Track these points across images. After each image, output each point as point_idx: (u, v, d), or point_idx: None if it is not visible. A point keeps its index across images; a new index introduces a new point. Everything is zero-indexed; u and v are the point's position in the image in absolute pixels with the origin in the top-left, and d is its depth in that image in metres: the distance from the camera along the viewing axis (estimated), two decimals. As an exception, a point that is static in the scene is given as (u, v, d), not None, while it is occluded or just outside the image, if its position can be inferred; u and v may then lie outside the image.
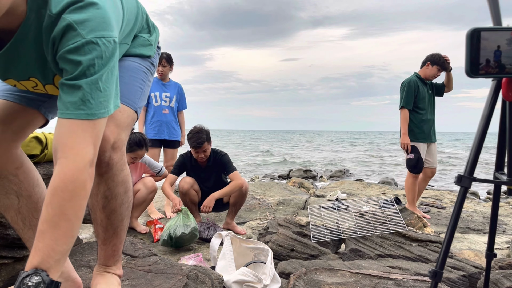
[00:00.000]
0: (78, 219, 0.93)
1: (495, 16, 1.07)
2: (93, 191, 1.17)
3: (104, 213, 1.20)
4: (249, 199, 4.80)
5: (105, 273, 1.30)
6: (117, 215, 1.22)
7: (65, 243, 0.90)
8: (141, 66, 1.31)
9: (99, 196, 1.18)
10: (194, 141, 3.23)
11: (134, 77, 1.28)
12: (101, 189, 1.16)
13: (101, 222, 1.22)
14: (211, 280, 1.64)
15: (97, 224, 1.24)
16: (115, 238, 1.27)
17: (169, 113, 3.87)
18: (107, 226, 1.23)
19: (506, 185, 1.16)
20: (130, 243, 1.86)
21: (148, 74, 1.34)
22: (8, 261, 1.57)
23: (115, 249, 1.28)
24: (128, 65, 1.27)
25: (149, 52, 1.36)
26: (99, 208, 1.20)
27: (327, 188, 6.69)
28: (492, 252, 1.33)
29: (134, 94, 1.26)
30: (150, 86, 1.40)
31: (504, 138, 1.16)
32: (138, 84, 1.29)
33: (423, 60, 3.93)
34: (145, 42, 1.34)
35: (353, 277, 1.80)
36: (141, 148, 3.01)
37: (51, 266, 0.87)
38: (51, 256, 0.87)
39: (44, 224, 0.89)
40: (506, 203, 5.14)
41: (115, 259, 1.31)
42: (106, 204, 1.19)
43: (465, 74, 1.05)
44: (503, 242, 3.26)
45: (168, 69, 3.84)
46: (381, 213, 2.87)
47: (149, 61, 1.37)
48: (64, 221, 0.90)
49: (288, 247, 2.55)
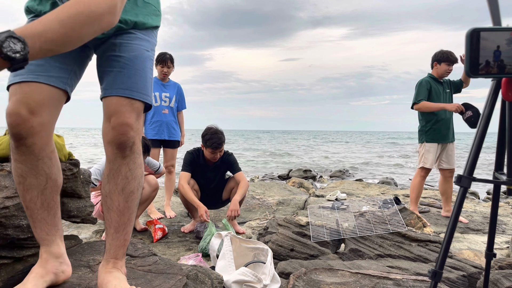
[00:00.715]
0: (74, 31, 0.94)
1: (494, 16, 1.07)
2: (114, 174, 1.27)
3: (122, 195, 1.28)
4: (249, 199, 4.80)
5: (113, 269, 1.31)
6: (135, 198, 1.31)
7: (55, 33, 0.90)
8: (150, 53, 1.35)
9: (120, 178, 1.27)
10: (214, 142, 3.24)
11: (147, 68, 1.32)
12: (123, 170, 1.27)
13: (118, 206, 1.28)
14: (210, 280, 1.64)
15: (112, 210, 1.29)
16: (129, 225, 1.33)
17: (169, 113, 3.87)
18: (124, 210, 1.29)
19: (505, 185, 1.16)
20: (130, 243, 1.86)
21: (153, 57, 1.38)
22: (8, 261, 1.57)
23: (127, 238, 1.34)
24: (141, 55, 1.30)
25: (159, 22, 1.41)
26: (118, 191, 1.27)
27: (327, 188, 6.70)
28: (492, 252, 1.33)
29: (148, 86, 1.33)
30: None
31: (503, 138, 1.16)
32: (150, 75, 1.34)
33: (430, 63, 3.92)
34: (155, 11, 1.39)
35: (352, 277, 1.80)
36: (144, 153, 3.06)
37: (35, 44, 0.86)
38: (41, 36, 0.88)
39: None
40: (505, 203, 5.14)
41: (124, 251, 1.35)
42: (126, 185, 1.28)
43: (465, 74, 1.05)
44: (502, 242, 3.26)
45: (171, 70, 3.85)
46: (380, 213, 2.87)
47: (155, 36, 1.41)
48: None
49: (287, 247, 2.55)
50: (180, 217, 3.90)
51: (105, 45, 1.29)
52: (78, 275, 1.48)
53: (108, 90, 1.25)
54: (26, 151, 1.22)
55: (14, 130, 1.18)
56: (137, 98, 1.26)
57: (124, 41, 1.27)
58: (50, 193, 1.32)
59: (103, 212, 1.34)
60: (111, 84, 1.25)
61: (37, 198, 1.29)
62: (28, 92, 1.18)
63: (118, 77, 1.25)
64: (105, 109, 1.26)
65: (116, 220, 1.30)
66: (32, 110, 1.17)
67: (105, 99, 1.26)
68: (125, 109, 1.23)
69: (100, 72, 1.30)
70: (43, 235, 1.34)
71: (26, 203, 1.29)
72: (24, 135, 1.18)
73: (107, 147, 1.27)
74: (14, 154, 1.23)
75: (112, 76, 1.25)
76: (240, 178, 3.34)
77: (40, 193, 1.29)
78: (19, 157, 1.23)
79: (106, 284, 1.27)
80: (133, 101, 1.25)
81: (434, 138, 3.83)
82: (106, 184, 1.30)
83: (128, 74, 1.26)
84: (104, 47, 1.29)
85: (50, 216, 1.34)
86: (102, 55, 1.29)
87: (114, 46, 1.27)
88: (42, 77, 1.21)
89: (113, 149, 1.25)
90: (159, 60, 3.78)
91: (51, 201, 1.33)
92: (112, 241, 1.31)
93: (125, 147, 1.25)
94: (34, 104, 1.18)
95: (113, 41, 1.28)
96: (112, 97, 1.24)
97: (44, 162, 1.27)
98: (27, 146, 1.21)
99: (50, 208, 1.33)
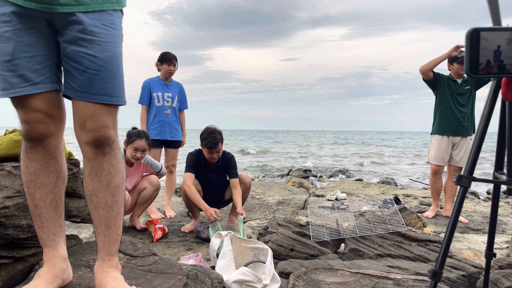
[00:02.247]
0: None
1: (494, 16, 1.07)
2: (96, 172, 1.27)
3: (109, 191, 1.29)
4: (249, 199, 4.80)
5: (109, 269, 1.31)
6: (121, 192, 1.32)
7: None
8: (120, 48, 1.27)
9: (103, 175, 1.27)
10: (210, 142, 3.24)
11: (120, 66, 1.27)
12: (105, 167, 1.28)
13: (106, 202, 1.29)
14: (210, 279, 1.64)
15: (100, 207, 1.29)
16: (119, 220, 1.34)
17: (171, 113, 3.87)
18: (112, 204, 1.30)
19: (505, 184, 1.16)
20: (130, 243, 1.86)
21: (122, 48, 1.30)
22: (8, 261, 1.57)
23: (118, 233, 1.35)
24: (114, 54, 1.24)
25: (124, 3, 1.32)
26: (103, 187, 1.28)
27: (327, 188, 6.70)
28: (492, 252, 1.33)
29: (123, 85, 1.30)
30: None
31: (503, 138, 1.16)
32: (122, 72, 1.30)
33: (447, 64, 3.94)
34: None
35: (352, 276, 1.80)
36: (140, 138, 3.08)
37: None
38: None
39: None
40: (505, 203, 5.14)
41: (117, 247, 1.35)
42: (110, 180, 1.28)
43: (465, 74, 1.05)
44: (502, 241, 3.26)
45: (176, 68, 3.86)
46: (380, 213, 2.88)
47: (121, 18, 1.31)
48: None
49: (287, 247, 2.55)
50: (180, 217, 3.90)
51: (71, 28, 1.17)
52: (78, 275, 1.48)
53: (83, 93, 1.20)
54: (42, 150, 1.27)
55: (32, 134, 1.23)
56: (115, 104, 1.26)
57: (96, 38, 1.19)
58: (59, 192, 1.36)
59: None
60: (85, 87, 1.20)
61: (47, 196, 1.32)
62: (34, 102, 1.21)
63: (94, 81, 1.19)
64: (79, 112, 1.23)
65: (106, 216, 1.30)
66: (50, 115, 1.24)
67: (78, 102, 1.22)
68: (102, 113, 1.23)
69: (67, 63, 1.21)
70: (51, 235, 1.34)
71: (36, 201, 1.31)
72: (41, 137, 1.25)
73: (85, 147, 1.26)
74: (28, 154, 1.27)
75: (86, 78, 1.19)
76: (235, 184, 3.34)
77: (50, 191, 1.32)
78: (33, 156, 1.27)
79: (104, 285, 1.27)
80: (110, 107, 1.25)
81: (441, 130, 3.78)
82: (89, 183, 1.29)
83: (106, 78, 1.21)
84: (70, 32, 1.17)
85: (57, 215, 1.36)
86: (70, 45, 1.18)
87: (83, 41, 1.18)
88: (53, 86, 1.24)
89: (93, 148, 1.25)
90: (165, 59, 3.77)
91: (59, 200, 1.36)
92: (105, 238, 1.32)
93: (105, 146, 1.26)
94: (48, 110, 1.24)
95: (80, 27, 1.17)
96: (87, 103, 1.21)
97: (57, 161, 1.33)
98: (43, 145, 1.27)
99: (58, 207, 1.36)
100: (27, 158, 1.28)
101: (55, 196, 1.34)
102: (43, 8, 1.14)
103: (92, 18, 1.18)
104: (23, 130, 1.23)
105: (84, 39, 1.17)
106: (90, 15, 1.18)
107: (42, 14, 1.16)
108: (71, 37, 1.17)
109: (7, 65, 1.16)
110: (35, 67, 1.19)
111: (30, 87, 1.18)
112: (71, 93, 1.22)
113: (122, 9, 1.32)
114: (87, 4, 1.17)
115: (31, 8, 1.13)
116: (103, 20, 1.21)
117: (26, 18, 1.15)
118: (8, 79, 1.16)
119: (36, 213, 1.32)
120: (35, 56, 1.18)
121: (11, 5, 1.14)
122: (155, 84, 3.82)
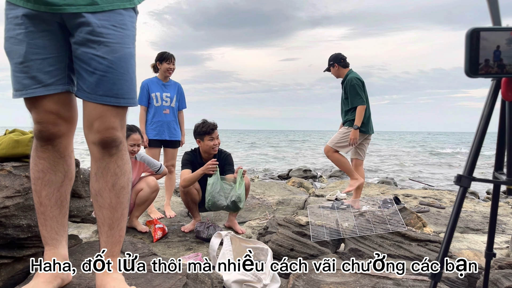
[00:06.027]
0: None
1: (494, 16, 1.07)
2: (102, 172, 1.28)
3: (114, 191, 1.29)
4: (249, 199, 4.80)
5: (110, 269, 1.31)
6: (126, 193, 1.32)
7: None
8: (132, 48, 1.27)
9: (109, 175, 1.28)
10: (207, 126, 3.29)
11: (131, 67, 1.27)
12: (111, 168, 1.28)
13: (110, 202, 1.29)
14: (210, 279, 1.64)
15: (104, 208, 1.30)
16: (122, 221, 1.34)
17: (170, 113, 3.87)
18: (116, 205, 1.30)
19: (505, 184, 1.16)
20: (130, 243, 1.86)
21: (135, 49, 1.30)
22: (8, 261, 1.57)
23: (121, 234, 1.35)
24: (124, 55, 1.24)
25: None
26: (108, 188, 1.28)
27: (327, 187, 6.70)
28: (492, 252, 1.33)
29: (133, 87, 1.30)
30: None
31: (503, 138, 1.16)
32: (133, 73, 1.29)
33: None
34: None
35: (352, 276, 1.80)
36: (134, 132, 3.14)
37: None
38: None
39: None
40: (505, 203, 5.14)
41: (119, 248, 1.35)
42: (116, 181, 1.29)
43: (465, 74, 1.05)
44: (502, 241, 3.26)
45: (175, 67, 3.86)
46: (380, 212, 2.88)
47: (135, 18, 1.32)
48: None
49: (287, 247, 2.55)
50: (180, 217, 3.90)
51: (80, 30, 1.18)
52: (78, 274, 1.49)
53: (91, 95, 1.21)
54: (52, 149, 1.29)
55: (44, 134, 1.26)
56: (123, 105, 1.26)
57: (105, 39, 1.18)
58: (65, 191, 1.37)
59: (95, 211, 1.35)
60: (93, 89, 1.21)
61: (53, 194, 1.33)
62: (46, 103, 1.23)
63: (102, 82, 1.20)
64: (87, 113, 1.24)
65: (110, 217, 1.30)
66: (62, 116, 1.27)
67: (87, 103, 1.23)
68: (110, 114, 1.23)
69: (77, 65, 1.22)
70: (53, 234, 1.35)
71: (42, 198, 1.32)
72: (52, 137, 1.27)
73: (93, 146, 1.27)
74: (38, 152, 1.29)
75: (94, 79, 1.20)
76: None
77: (56, 190, 1.34)
78: (42, 154, 1.29)
79: (104, 286, 1.27)
80: (118, 108, 1.25)
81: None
82: (94, 183, 1.30)
83: (113, 79, 1.21)
84: (80, 33, 1.18)
85: (61, 214, 1.36)
86: (80, 46, 1.19)
87: (92, 43, 1.18)
88: (65, 87, 1.26)
89: (100, 148, 1.26)
90: (164, 58, 3.78)
91: (64, 199, 1.37)
92: (107, 238, 1.32)
93: (112, 147, 1.26)
94: (60, 111, 1.26)
95: (89, 28, 1.17)
96: (96, 104, 1.22)
97: (65, 160, 1.35)
98: (54, 145, 1.29)
99: (62, 207, 1.37)
100: (37, 156, 1.30)
101: (61, 195, 1.35)
102: (52, 10, 1.15)
103: (101, 19, 1.18)
104: (35, 129, 1.26)
105: (92, 40, 1.18)
106: (99, 15, 1.18)
107: (53, 17, 1.17)
108: (81, 38, 1.18)
109: (20, 67, 1.19)
110: (47, 69, 1.21)
111: (41, 89, 1.21)
112: (81, 94, 1.24)
113: (136, 8, 1.31)
114: (97, 3, 1.18)
115: (42, 11, 1.15)
116: (112, 21, 1.21)
117: (38, 21, 1.17)
118: (21, 80, 1.19)
119: (40, 211, 1.33)
120: (47, 58, 1.21)
121: (23, 8, 1.16)
122: (153, 84, 3.82)
